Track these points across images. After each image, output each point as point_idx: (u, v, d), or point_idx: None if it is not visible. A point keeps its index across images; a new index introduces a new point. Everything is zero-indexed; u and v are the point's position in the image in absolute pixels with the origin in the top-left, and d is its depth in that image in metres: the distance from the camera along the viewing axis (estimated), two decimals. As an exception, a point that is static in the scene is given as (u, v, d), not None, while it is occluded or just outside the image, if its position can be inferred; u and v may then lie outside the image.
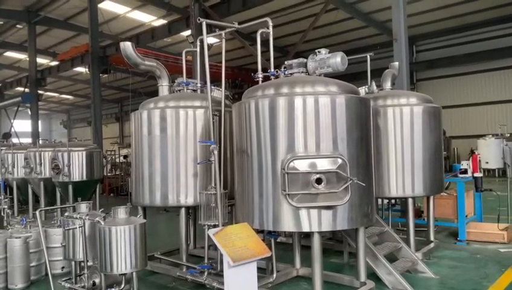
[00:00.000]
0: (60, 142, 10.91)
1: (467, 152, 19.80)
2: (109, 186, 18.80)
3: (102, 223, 4.56)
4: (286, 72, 5.31)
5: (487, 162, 18.68)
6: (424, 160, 6.41)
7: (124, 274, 4.59)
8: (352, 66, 10.65)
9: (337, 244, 6.92)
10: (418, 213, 8.16)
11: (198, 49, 6.27)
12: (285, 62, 5.41)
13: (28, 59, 23.96)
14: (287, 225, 4.55)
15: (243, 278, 4.12)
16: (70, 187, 9.26)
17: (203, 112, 5.87)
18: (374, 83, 6.88)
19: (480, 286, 5.41)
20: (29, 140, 20.10)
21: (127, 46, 6.10)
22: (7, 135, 25.80)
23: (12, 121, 27.10)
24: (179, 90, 6.50)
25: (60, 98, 40.90)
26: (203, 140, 5.70)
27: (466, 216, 7.59)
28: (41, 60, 26.29)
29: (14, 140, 18.01)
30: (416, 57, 24.93)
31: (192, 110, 5.88)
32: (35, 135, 22.23)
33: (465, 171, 8.03)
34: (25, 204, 11.79)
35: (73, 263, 5.05)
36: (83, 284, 4.87)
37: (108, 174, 19.90)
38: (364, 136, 4.83)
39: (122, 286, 4.65)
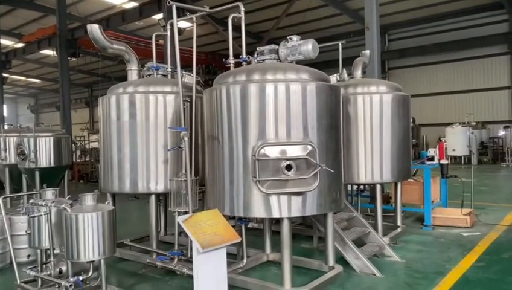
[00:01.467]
0: (26, 127, 10.58)
1: (436, 140, 20.37)
2: (79, 173, 18.42)
3: (69, 210, 4.46)
4: (258, 59, 5.27)
5: (454, 150, 19.30)
6: (393, 147, 6.56)
7: (92, 261, 4.52)
8: (325, 53, 10.75)
9: (307, 230, 7.01)
10: (386, 199, 8.36)
11: (168, 33, 6.13)
12: (257, 48, 5.38)
13: (-9, 40, 23.00)
14: (258, 211, 4.58)
15: (212, 264, 4.14)
16: (37, 174, 9.00)
17: (173, 97, 5.77)
18: (345, 71, 6.93)
19: (443, 268, 5.61)
20: (-7, 125, 19.38)
21: (94, 29, 5.90)
22: (-30, 120, 24.82)
23: (-25, 105, 26.04)
24: (149, 75, 6.36)
25: (26, 82, 39.45)
26: (174, 126, 5.62)
27: (432, 202, 7.82)
28: (5, 42, 25.19)
29: (-22, 125, 17.36)
30: (388, 46, 25.27)
31: (162, 96, 5.78)
32: (0, 119, 21.46)
33: (432, 158, 8.26)
34: (-11, 191, 11.41)
35: (39, 251, 4.93)
36: (49, 272, 4.76)
37: (78, 160, 19.47)
38: (334, 123, 4.88)
39: (90, 273, 4.58)
